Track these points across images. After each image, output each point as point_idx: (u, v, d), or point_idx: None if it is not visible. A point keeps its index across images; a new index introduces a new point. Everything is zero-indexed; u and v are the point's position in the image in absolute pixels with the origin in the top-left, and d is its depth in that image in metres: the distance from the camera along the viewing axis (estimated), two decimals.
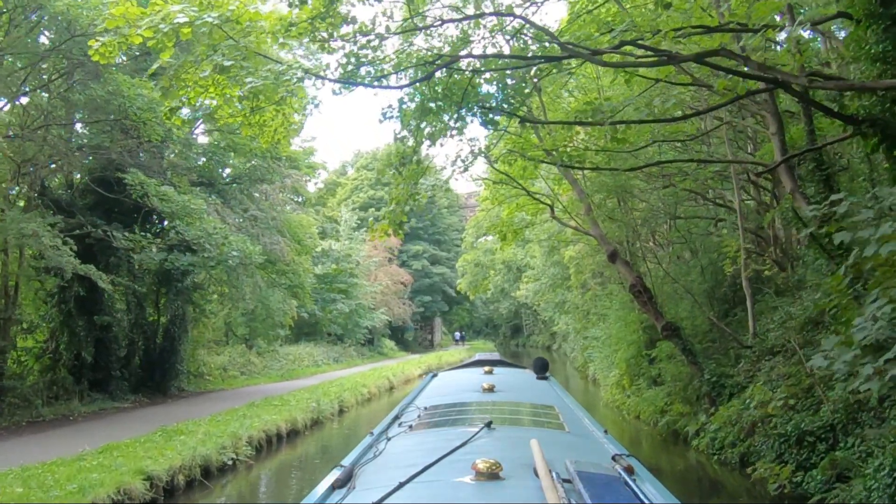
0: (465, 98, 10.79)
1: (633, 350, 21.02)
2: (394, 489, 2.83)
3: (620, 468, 3.35)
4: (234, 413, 16.36)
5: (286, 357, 33.76)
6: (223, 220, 17.73)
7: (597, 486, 2.90)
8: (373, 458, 3.79)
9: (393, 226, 11.83)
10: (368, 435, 4.58)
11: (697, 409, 16.14)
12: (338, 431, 19.03)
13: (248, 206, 20.05)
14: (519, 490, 2.88)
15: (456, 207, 69.22)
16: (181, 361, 21.67)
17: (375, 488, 2.95)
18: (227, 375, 26.23)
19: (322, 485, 3.35)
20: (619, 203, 20.06)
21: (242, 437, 13.59)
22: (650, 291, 16.66)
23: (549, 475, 2.84)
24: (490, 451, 3.30)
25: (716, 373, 15.50)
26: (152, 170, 18.07)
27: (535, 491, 2.79)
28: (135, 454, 11.21)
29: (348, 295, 43.01)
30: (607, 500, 2.80)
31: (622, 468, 3.34)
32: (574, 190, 17.90)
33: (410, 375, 35.35)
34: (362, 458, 3.88)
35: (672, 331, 16.14)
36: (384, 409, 24.06)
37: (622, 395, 22.29)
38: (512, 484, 2.93)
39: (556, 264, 30.62)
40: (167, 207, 15.79)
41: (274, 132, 10.91)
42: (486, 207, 30.44)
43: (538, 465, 3.02)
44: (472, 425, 4.27)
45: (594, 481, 2.96)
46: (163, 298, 21.81)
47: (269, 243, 19.29)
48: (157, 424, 14.69)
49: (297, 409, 17.84)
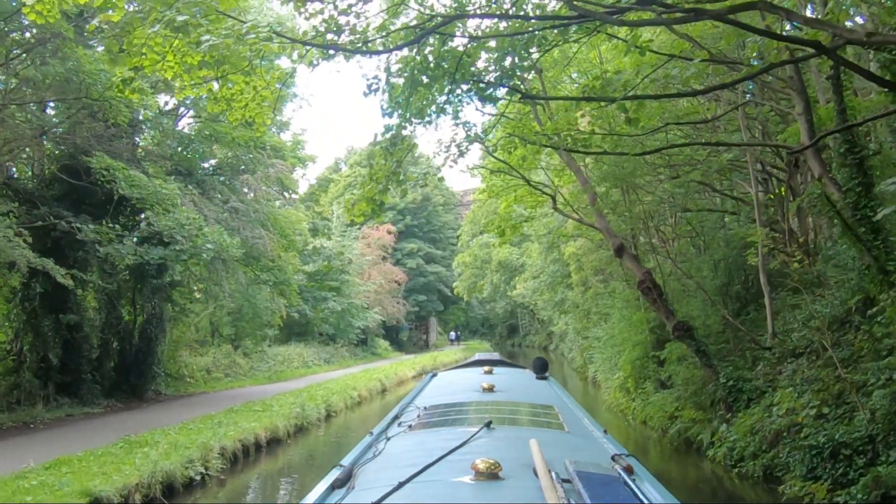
0: (459, 69, 9.54)
1: (639, 351, 19.81)
2: (393, 489, 2.82)
3: (620, 468, 3.34)
4: (210, 420, 15.07)
5: (275, 358, 32.45)
6: (200, 211, 16.42)
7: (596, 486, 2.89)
8: (372, 458, 3.77)
9: (371, 205, 10.57)
10: (368, 435, 4.56)
11: (712, 415, 14.92)
12: (324, 439, 17.75)
13: (229, 197, 18.73)
14: (518, 490, 2.88)
15: (452, 205, 68.04)
16: (158, 363, 20.36)
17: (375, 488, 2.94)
18: (210, 378, 24.92)
19: (321, 485, 3.31)
20: (623, 195, 18.83)
21: (214, 447, 12.31)
22: (660, 288, 15.43)
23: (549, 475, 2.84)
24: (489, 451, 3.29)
25: (732, 376, 14.26)
26: (124, 157, 16.76)
27: (535, 491, 2.79)
28: (87, 470, 9.93)
29: (340, 293, 41.73)
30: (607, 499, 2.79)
31: (622, 468, 3.33)
32: (578, 179, 16.66)
33: (404, 377, 34.09)
34: (362, 457, 3.86)
35: (684, 331, 14.91)
36: (375, 413, 22.81)
37: (627, 399, 21.07)
38: (511, 484, 2.92)
39: (556, 261, 29.37)
40: (136, 193, 14.48)
41: (244, 108, 9.60)
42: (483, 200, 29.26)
43: (538, 465, 3.02)
44: (472, 425, 4.27)
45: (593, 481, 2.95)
46: (139, 296, 20.48)
47: (252, 237, 18.01)
48: (125, 432, 13.43)
49: (279, 415, 16.56)
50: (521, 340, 69.60)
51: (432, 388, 6.96)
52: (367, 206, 11.24)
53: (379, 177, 10.95)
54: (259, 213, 19.04)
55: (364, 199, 10.45)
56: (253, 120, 10.55)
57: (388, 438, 4.27)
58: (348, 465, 3.59)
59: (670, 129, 15.76)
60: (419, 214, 61.05)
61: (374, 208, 11.28)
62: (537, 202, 22.18)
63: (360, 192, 10.83)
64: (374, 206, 11.22)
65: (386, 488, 2.82)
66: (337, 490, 3.22)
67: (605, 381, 25.84)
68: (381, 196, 10.96)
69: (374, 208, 11.26)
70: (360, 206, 10.69)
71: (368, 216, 11.40)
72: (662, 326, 19.21)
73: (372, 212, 11.34)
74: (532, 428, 4.49)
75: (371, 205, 11.15)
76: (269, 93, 9.26)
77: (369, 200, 11.16)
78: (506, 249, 47.98)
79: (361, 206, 11.27)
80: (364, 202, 11.20)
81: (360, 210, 11.25)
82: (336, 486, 3.25)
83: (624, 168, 15.26)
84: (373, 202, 11.11)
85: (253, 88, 9.37)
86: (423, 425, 4.70)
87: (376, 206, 11.26)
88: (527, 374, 8.05)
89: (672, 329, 15.12)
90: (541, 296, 34.48)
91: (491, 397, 5.72)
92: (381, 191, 10.94)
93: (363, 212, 11.29)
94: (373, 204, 10.94)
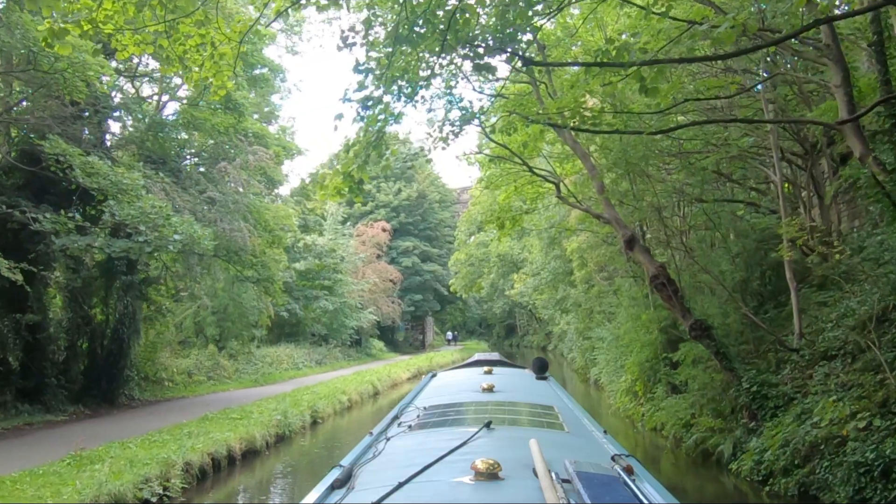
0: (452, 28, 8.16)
1: (648, 353, 18.42)
2: (393, 489, 2.84)
3: (620, 468, 3.35)
4: (180, 430, 13.65)
5: (263, 359, 30.99)
6: (172, 201, 14.97)
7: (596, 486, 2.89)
8: (372, 458, 3.77)
9: (348, 182, 9.17)
10: (368, 435, 4.53)
11: (733, 424, 13.54)
12: (308, 448, 16.31)
13: (207, 187, 17.28)
14: (518, 490, 2.86)
15: (448, 202, 66.60)
16: (131, 366, 18.90)
17: (375, 488, 2.95)
18: (191, 381, 23.46)
19: (321, 485, 3.29)
20: (631, 185, 17.44)
21: (177, 463, 10.88)
22: (675, 283, 14.03)
23: (549, 475, 2.84)
24: (489, 451, 3.29)
25: (756, 381, 12.88)
26: (88, 143, 15.33)
27: (535, 491, 2.79)
28: (19, 494, 8.52)
29: (332, 292, 40.27)
30: (606, 500, 2.78)
31: (621, 468, 3.34)
32: (584, 166, 15.27)
33: (398, 380, 32.68)
34: (361, 458, 3.87)
35: (702, 330, 13.53)
36: (366, 419, 21.42)
37: (634, 404, 19.70)
38: (511, 484, 2.92)
39: (558, 258, 27.96)
40: (94, 183, 13.04)
41: (202, 68, 8.18)
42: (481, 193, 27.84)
43: (537, 465, 3.02)
44: (472, 425, 4.28)
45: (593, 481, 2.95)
46: (111, 295, 19.02)
47: (230, 230, 16.58)
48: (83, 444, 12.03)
49: (258, 423, 15.12)
50: (520, 340, 68.43)
51: (432, 389, 6.92)
52: (343, 183, 9.86)
53: (357, 149, 9.58)
54: (238, 205, 17.60)
55: (339, 175, 9.04)
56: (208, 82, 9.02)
57: (387, 439, 4.25)
58: (348, 465, 3.57)
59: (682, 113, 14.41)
60: (415, 212, 59.60)
61: (352, 186, 9.88)
62: (538, 194, 20.80)
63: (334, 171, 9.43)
64: (352, 183, 9.84)
65: (386, 488, 2.84)
66: (337, 490, 3.20)
67: (610, 383, 24.46)
68: (359, 172, 9.56)
69: (351, 186, 9.87)
70: (335, 182, 9.29)
71: (345, 195, 9.99)
72: (674, 326, 17.85)
73: (349, 190, 9.95)
74: (532, 428, 4.47)
75: (348, 182, 9.77)
76: (230, 49, 7.85)
77: (346, 177, 9.79)
78: (505, 243, 46.58)
79: (336, 183, 9.89)
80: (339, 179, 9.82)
81: (336, 186, 9.86)
82: (336, 486, 3.24)
83: (634, 154, 13.83)
84: (350, 179, 9.73)
85: (210, 44, 7.95)
86: (423, 425, 4.67)
87: (354, 183, 9.88)
88: (527, 375, 7.98)
89: (688, 329, 13.73)
90: (541, 294, 33.02)
91: (491, 397, 5.68)
92: (359, 166, 9.56)
93: (339, 189, 9.89)
94: (349, 181, 9.54)
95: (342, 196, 10.25)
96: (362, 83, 9.09)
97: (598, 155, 17.34)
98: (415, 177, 61.32)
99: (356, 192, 10.03)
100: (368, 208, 57.69)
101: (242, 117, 17.99)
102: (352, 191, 9.99)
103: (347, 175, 9.10)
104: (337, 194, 10.13)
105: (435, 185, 64.66)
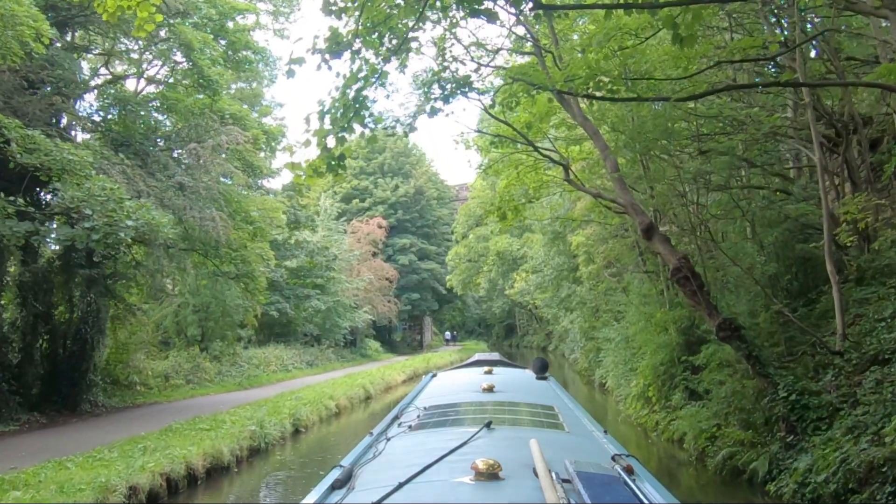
0: None
1: (663, 355, 16.76)
2: (393, 489, 2.83)
3: (620, 468, 3.32)
4: (134, 444, 11.95)
5: (249, 361, 29.27)
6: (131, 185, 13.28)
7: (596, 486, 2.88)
8: (372, 459, 3.77)
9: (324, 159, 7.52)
10: (368, 435, 4.52)
11: (767, 437, 11.86)
12: (286, 462, 14.55)
13: (176, 171, 15.57)
14: (518, 490, 2.86)
15: (446, 199, 64.92)
16: (96, 370, 17.19)
17: (375, 488, 2.95)
18: (167, 385, 21.78)
19: (321, 485, 3.29)
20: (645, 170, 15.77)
21: (119, 487, 9.18)
22: (700, 278, 12.34)
23: (549, 475, 2.83)
24: (489, 452, 3.28)
25: (795, 388, 11.20)
26: (41, 120, 13.66)
27: (535, 491, 2.78)
28: None
29: (325, 291, 38.57)
30: (607, 499, 2.77)
31: (621, 468, 3.31)
32: (595, 144, 13.60)
33: (392, 382, 31.00)
34: (362, 458, 3.87)
35: (731, 331, 11.85)
36: (355, 427, 19.74)
37: (647, 411, 18.02)
38: (511, 484, 2.91)
39: (562, 253, 26.24)
40: (35, 160, 11.35)
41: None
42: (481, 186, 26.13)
43: (537, 466, 3.01)
44: (472, 425, 4.26)
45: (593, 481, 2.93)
46: (73, 291, 17.33)
47: (200, 218, 14.88)
48: (20, 462, 10.40)
49: (228, 435, 13.43)
50: (519, 341, 66.97)
51: (432, 389, 6.89)
52: (319, 160, 8.20)
53: (334, 117, 7.92)
54: (211, 191, 15.90)
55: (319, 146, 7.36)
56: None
57: (388, 439, 4.25)
58: (348, 465, 3.57)
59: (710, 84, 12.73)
60: (412, 208, 57.93)
61: (332, 162, 8.23)
62: (542, 182, 19.09)
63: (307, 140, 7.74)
64: (332, 158, 8.19)
65: (386, 488, 2.84)
66: (337, 490, 3.18)
67: (618, 387, 22.79)
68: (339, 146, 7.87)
69: (330, 162, 8.22)
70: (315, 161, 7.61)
71: (322, 173, 8.31)
72: (694, 326, 16.21)
73: (328, 168, 8.28)
74: (532, 428, 4.46)
75: (325, 158, 8.11)
76: None
77: (323, 151, 8.13)
78: (505, 239, 44.79)
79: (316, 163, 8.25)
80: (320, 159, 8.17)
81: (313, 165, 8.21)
82: (336, 486, 3.21)
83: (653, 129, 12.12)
84: (328, 154, 8.07)
85: None
86: (423, 425, 4.64)
87: (334, 159, 8.22)
88: (527, 375, 7.94)
89: (716, 329, 12.04)
90: (543, 292, 31.28)
91: (491, 397, 5.67)
92: (338, 135, 7.89)
93: (316, 168, 8.25)
94: (327, 156, 7.87)
95: (320, 175, 8.60)
96: (336, 32, 7.43)
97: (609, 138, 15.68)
98: (412, 173, 59.68)
99: (336, 168, 8.39)
100: (366, 204, 56.07)
101: (217, 96, 16.32)
102: (331, 168, 8.34)
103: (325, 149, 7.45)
104: (314, 174, 8.50)
105: (433, 182, 63.01)
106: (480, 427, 4.00)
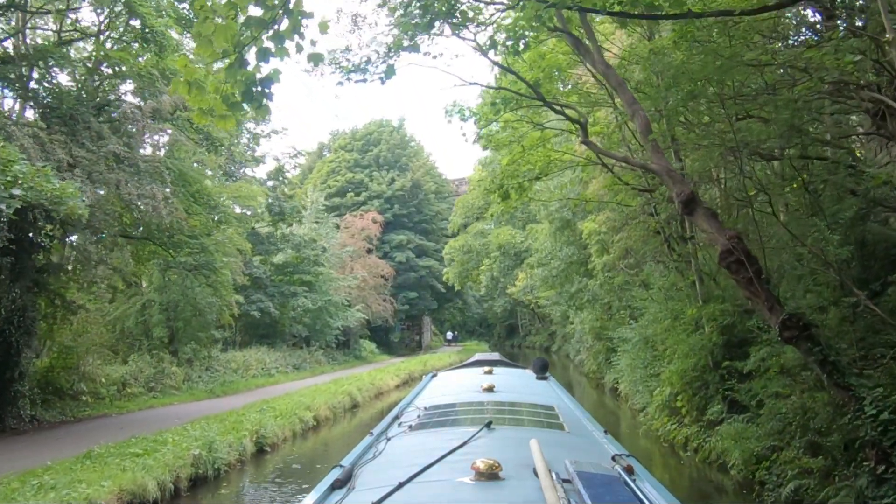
0: None
1: (696, 358, 14.08)
2: (393, 489, 2.82)
3: (620, 468, 3.31)
4: (31, 477, 9.29)
5: (227, 365, 26.61)
6: (48, 154, 10.63)
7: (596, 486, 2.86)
8: (372, 458, 3.75)
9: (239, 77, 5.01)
10: (368, 435, 4.50)
11: (849, 468, 9.18)
12: (232, 496, 11.82)
13: (110, 139, 12.87)
14: (518, 490, 2.85)
15: (445, 194, 62.20)
16: (22, 377, 14.54)
17: (375, 488, 2.93)
18: (123, 394, 19.13)
19: (321, 485, 3.26)
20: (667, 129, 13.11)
21: None
22: (757, 262, 9.65)
23: (549, 475, 2.83)
24: (490, 452, 3.27)
25: (888, 405, 8.53)
26: None
27: (535, 491, 2.78)
28: None
29: (314, 289, 35.92)
30: (607, 499, 2.74)
31: (622, 468, 3.30)
32: (621, 98, 10.95)
33: (384, 388, 28.31)
34: (362, 458, 3.84)
35: (800, 329, 9.16)
36: (333, 445, 17.04)
37: (675, 424, 15.34)
38: (511, 484, 2.91)
39: (571, 243, 23.51)
40: None
41: None
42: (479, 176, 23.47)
43: (538, 466, 3.01)
44: (472, 425, 4.23)
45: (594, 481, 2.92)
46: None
47: (138, 195, 12.25)
48: None
49: (163, 462, 10.75)
50: (521, 341, 64.65)
51: (432, 389, 6.84)
52: (232, 85, 5.66)
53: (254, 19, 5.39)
54: (152, 164, 13.20)
55: None
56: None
57: (388, 439, 4.23)
58: (348, 465, 3.54)
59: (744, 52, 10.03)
60: (409, 203, 55.28)
61: (254, 88, 5.67)
62: (550, 159, 16.40)
63: None
64: (251, 81, 5.63)
65: (386, 488, 2.82)
66: (337, 490, 3.17)
67: (634, 394, 20.12)
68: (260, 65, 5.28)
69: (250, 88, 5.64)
70: (224, 87, 5.01)
71: (238, 105, 5.67)
72: (733, 325, 13.52)
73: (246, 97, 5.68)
74: (532, 428, 4.43)
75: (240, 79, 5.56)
76: None
77: (237, 65, 5.56)
78: (507, 231, 42.00)
79: (226, 88, 5.71)
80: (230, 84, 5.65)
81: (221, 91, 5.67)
82: (336, 486, 3.20)
83: (707, 62, 9.35)
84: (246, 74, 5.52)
85: None
86: (424, 425, 4.61)
87: (255, 82, 5.65)
88: (527, 374, 7.88)
89: (779, 327, 9.32)
90: (549, 288, 28.52)
91: (491, 397, 5.63)
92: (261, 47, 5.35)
93: (226, 95, 5.68)
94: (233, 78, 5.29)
95: (235, 108, 6.00)
96: None
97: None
98: (409, 166, 57.05)
99: (259, 100, 5.81)
100: (361, 199, 53.45)
101: (163, 52, 13.67)
102: (249, 98, 5.78)
103: (241, 63, 4.89)
104: (226, 105, 5.93)
105: (431, 175, 60.34)
106: (480, 427, 3.98)
